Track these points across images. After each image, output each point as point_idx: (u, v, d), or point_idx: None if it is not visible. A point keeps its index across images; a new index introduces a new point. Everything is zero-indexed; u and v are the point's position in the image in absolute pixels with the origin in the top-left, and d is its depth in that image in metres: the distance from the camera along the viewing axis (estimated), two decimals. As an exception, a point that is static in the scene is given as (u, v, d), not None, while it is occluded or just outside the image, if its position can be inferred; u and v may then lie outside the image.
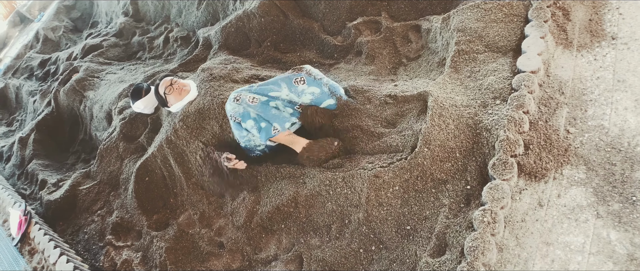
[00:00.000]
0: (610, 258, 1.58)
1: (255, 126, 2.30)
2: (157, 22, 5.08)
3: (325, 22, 3.32)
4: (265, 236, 2.33)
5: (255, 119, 2.28)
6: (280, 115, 2.31)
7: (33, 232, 3.05)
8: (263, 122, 2.28)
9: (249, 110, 2.27)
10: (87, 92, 4.32)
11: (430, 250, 1.82)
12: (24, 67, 6.25)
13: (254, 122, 2.30)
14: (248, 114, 2.28)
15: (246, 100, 2.27)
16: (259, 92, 2.32)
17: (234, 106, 2.31)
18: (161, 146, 2.87)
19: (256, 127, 2.30)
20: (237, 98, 2.30)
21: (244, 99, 2.27)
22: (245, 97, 2.28)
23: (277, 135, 2.31)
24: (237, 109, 2.31)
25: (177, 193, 2.84)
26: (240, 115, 2.31)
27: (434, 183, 1.99)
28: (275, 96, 2.33)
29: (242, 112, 2.29)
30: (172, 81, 2.81)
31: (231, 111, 2.34)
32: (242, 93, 2.31)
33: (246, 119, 2.30)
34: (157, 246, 2.60)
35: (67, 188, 3.34)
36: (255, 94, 2.30)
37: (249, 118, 2.29)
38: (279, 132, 2.29)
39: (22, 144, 4.46)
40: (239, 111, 2.30)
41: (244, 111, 2.28)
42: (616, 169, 1.77)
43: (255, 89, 2.32)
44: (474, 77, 2.29)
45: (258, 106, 2.27)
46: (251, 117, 2.29)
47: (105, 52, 5.03)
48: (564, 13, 2.34)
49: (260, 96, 2.29)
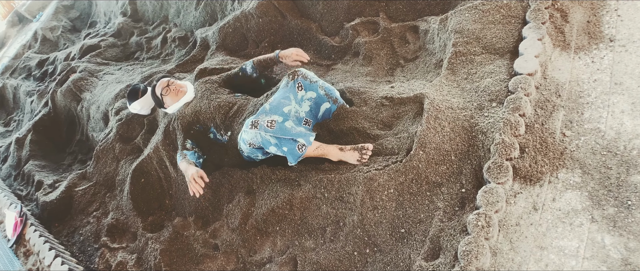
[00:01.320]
0: (604, 263, 1.56)
1: (279, 151, 2.18)
2: (156, 22, 5.07)
3: (323, 23, 3.31)
4: (260, 238, 2.31)
5: (277, 144, 2.14)
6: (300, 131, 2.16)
7: (28, 234, 3.04)
8: (285, 145, 2.14)
9: (268, 138, 2.13)
10: (84, 93, 4.31)
11: (424, 254, 1.80)
12: (22, 67, 6.24)
13: (276, 148, 2.17)
14: (268, 141, 2.15)
15: (264, 125, 2.12)
16: (273, 111, 2.18)
17: (253, 134, 2.16)
18: (157, 147, 2.86)
19: (280, 151, 2.18)
20: (255, 124, 2.14)
21: (262, 125, 2.12)
22: (263, 122, 2.13)
23: (306, 152, 2.18)
24: (256, 137, 2.16)
25: (172, 195, 2.83)
26: (260, 143, 2.19)
27: (429, 185, 1.98)
28: (288, 111, 2.23)
29: (262, 140, 2.15)
30: (169, 82, 2.77)
31: (251, 139, 2.19)
32: (259, 118, 2.15)
33: (268, 146, 2.17)
34: (152, 248, 2.58)
35: (63, 189, 3.33)
36: (272, 115, 2.16)
37: (271, 145, 2.16)
38: (307, 148, 2.15)
39: (18, 144, 4.44)
40: (258, 139, 2.17)
41: (263, 138, 2.15)
42: (612, 173, 1.76)
43: (269, 109, 2.19)
44: (471, 79, 2.28)
45: (277, 129, 2.12)
46: (272, 144, 2.15)
47: (103, 53, 5.02)
48: (562, 15, 2.32)
49: (277, 116, 2.15)
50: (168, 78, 2.84)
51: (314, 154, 2.25)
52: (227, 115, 2.54)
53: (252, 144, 2.21)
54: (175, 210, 2.78)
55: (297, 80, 2.31)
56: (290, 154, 2.15)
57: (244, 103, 2.54)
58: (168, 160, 2.81)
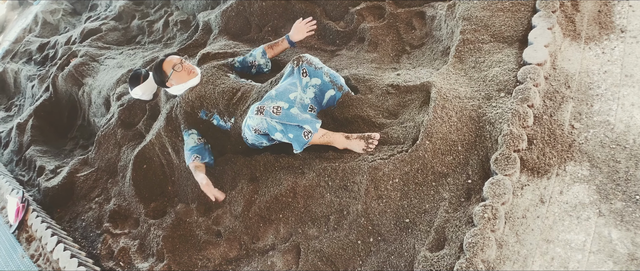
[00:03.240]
0: (611, 257, 1.55)
1: (285, 138, 2.14)
2: (157, 5, 5.01)
3: (328, 7, 3.25)
4: (263, 225, 2.30)
5: (283, 130, 2.11)
6: (306, 117, 2.14)
7: (30, 219, 3.04)
8: (291, 131, 2.10)
9: (273, 124, 2.10)
10: (86, 77, 4.28)
11: (428, 244, 1.79)
12: (22, 51, 6.19)
13: (282, 135, 2.13)
14: (274, 128, 2.11)
15: (270, 111, 2.09)
16: (279, 97, 2.15)
17: (259, 120, 2.12)
18: (159, 133, 2.84)
19: (286, 138, 2.14)
20: (260, 110, 2.11)
21: (268, 111, 2.09)
22: (269, 107, 2.10)
23: (312, 139, 2.14)
24: (262, 123, 2.13)
25: (174, 181, 2.81)
26: (265, 129, 2.16)
27: (435, 176, 1.96)
28: (294, 97, 2.20)
29: (268, 126, 2.12)
30: (181, 60, 2.65)
31: (256, 125, 2.16)
32: (265, 103, 2.12)
33: (273, 132, 2.14)
34: (154, 234, 2.58)
35: (65, 175, 3.32)
36: (278, 101, 2.13)
37: (276, 131, 2.13)
38: (313, 135, 2.12)
39: (20, 130, 4.42)
40: (263, 125, 2.14)
41: (269, 125, 2.12)
42: (620, 166, 1.74)
43: (275, 95, 2.16)
44: (479, 68, 2.24)
45: (283, 115, 2.09)
46: (278, 130, 2.12)
47: (104, 37, 4.97)
48: (573, 3, 2.28)
49: (283, 103, 2.12)
50: (179, 56, 2.71)
51: (319, 142, 2.21)
52: (231, 101, 2.51)
53: (257, 130, 2.19)
54: (178, 196, 2.77)
55: (302, 66, 2.28)
56: (296, 141, 2.12)
57: (248, 89, 2.52)
58: (170, 146, 2.79)
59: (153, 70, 2.68)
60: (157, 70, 2.66)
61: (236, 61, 2.89)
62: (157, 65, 2.66)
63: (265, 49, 2.84)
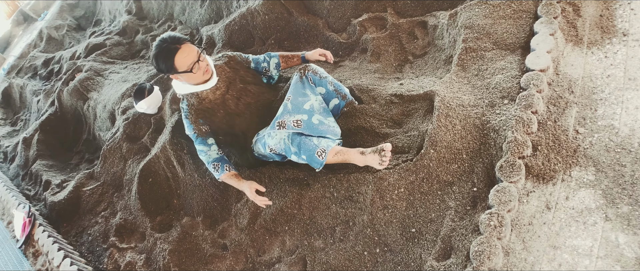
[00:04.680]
0: (618, 262, 1.54)
1: (299, 159, 2.10)
2: (161, 20, 5.06)
3: (330, 19, 3.28)
4: (268, 238, 2.30)
5: (297, 153, 2.07)
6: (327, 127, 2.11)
7: (37, 234, 3.05)
8: (304, 153, 2.05)
9: (289, 145, 2.07)
10: (91, 92, 4.31)
11: (435, 254, 1.78)
12: (27, 66, 6.26)
13: (297, 157, 2.09)
14: (289, 149, 2.08)
15: (291, 125, 2.06)
16: (296, 111, 2.11)
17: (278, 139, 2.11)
18: (164, 147, 2.85)
19: (301, 159, 2.10)
20: (282, 124, 2.05)
21: (289, 125, 2.06)
22: (289, 122, 2.06)
23: (327, 158, 2.04)
24: (279, 144, 2.11)
25: (180, 194, 2.82)
26: (282, 150, 2.13)
27: (440, 185, 1.96)
28: (310, 106, 2.15)
29: (285, 147, 2.09)
30: (200, 55, 2.17)
31: (275, 145, 2.13)
32: (284, 117, 2.07)
33: (289, 154, 2.11)
34: (160, 248, 2.58)
35: (70, 189, 3.33)
36: (295, 114, 2.09)
37: (291, 153, 2.10)
38: (327, 154, 2.02)
39: (26, 144, 4.45)
40: (281, 146, 2.11)
41: (286, 146, 2.08)
42: (626, 170, 1.73)
43: (292, 108, 2.11)
44: (482, 76, 2.24)
45: (304, 127, 2.05)
46: (293, 152, 2.08)
47: (108, 51, 5.02)
48: (574, 9, 2.28)
49: (301, 115, 2.08)
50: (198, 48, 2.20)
51: (335, 161, 2.07)
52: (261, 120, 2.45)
53: (273, 150, 2.17)
54: (184, 210, 2.77)
55: (308, 75, 2.29)
56: (311, 161, 2.06)
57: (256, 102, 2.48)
58: (175, 159, 2.80)
59: (161, 55, 2.13)
60: (166, 58, 2.12)
61: (251, 60, 2.56)
62: (167, 52, 2.12)
63: (280, 60, 2.57)
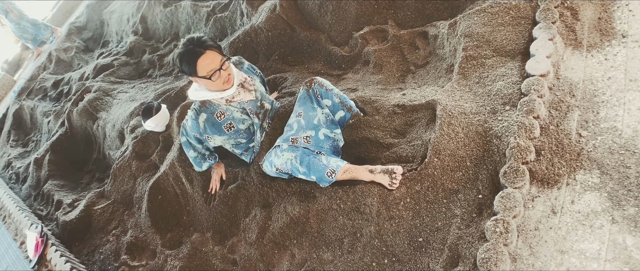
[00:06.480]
0: (627, 264, 1.53)
1: (308, 178, 2.14)
2: (167, 39, 5.14)
3: (332, 33, 3.32)
4: (277, 252, 2.31)
5: (306, 173, 2.10)
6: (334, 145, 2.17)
7: (50, 254, 3.08)
8: (314, 173, 2.08)
9: (297, 165, 2.10)
10: (100, 112, 4.38)
11: (443, 262, 1.79)
12: (37, 88, 6.37)
13: (305, 176, 2.14)
14: (297, 169, 2.12)
15: (302, 141, 2.12)
16: (307, 127, 2.18)
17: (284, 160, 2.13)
18: (173, 164, 2.89)
19: (309, 178, 2.14)
20: (295, 140, 2.12)
21: (301, 141, 2.12)
22: (301, 138, 2.13)
23: (337, 176, 2.08)
24: (286, 164, 2.14)
25: (189, 211, 2.85)
26: (289, 170, 2.17)
27: (445, 193, 1.97)
28: (318, 121, 2.22)
29: (291, 167, 2.13)
30: (222, 63, 2.10)
31: (280, 164, 2.17)
32: (298, 134, 2.15)
33: (297, 174, 2.15)
34: (171, 265, 2.60)
35: (82, 208, 3.38)
36: (307, 130, 2.15)
37: (299, 173, 2.14)
38: (336, 175, 2.07)
39: (37, 165, 4.53)
40: (288, 166, 2.14)
41: (293, 166, 2.12)
42: (631, 172, 1.73)
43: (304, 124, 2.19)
44: (483, 83, 2.26)
45: (313, 143, 2.12)
46: (301, 172, 2.12)
47: (116, 71, 5.10)
48: (572, 13, 2.30)
49: (310, 131, 2.14)
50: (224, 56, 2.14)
51: (343, 178, 2.11)
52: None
53: (279, 169, 2.22)
54: (193, 226, 2.80)
55: (314, 88, 2.32)
56: (320, 180, 2.11)
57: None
58: (184, 176, 2.83)
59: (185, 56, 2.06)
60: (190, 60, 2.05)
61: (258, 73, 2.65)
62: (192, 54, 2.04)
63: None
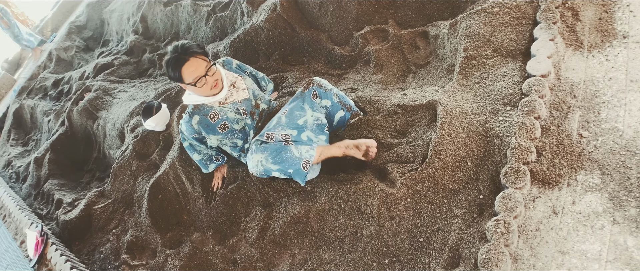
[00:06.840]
0: (628, 265, 1.53)
1: (284, 174, 2.16)
2: (167, 39, 5.14)
3: (333, 33, 3.32)
4: (278, 251, 2.31)
5: (280, 169, 2.11)
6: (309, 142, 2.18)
7: (50, 253, 3.08)
8: (289, 167, 2.09)
9: (269, 166, 2.10)
10: (100, 111, 4.38)
11: (443, 263, 1.79)
12: (38, 87, 6.38)
13: (280, 173, 2.15)
14: (270, 169, 2.12)
15: (279, 138, 2.12)
16: (288, 125, 2.19)
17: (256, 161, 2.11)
18: (173, 163, 2.89)
19: (285, 175, 2.16)
20: (270, 136, 2.11)
21: (277, 137, 2.12)
22: (278, 134, 2.13)
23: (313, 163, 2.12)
24: (257, 167, 2.12)
25: (189, 210, 2.85)
26: (262, 172, 2.16)
27: (446, 193, 1.97)
28: (303, 122, 2.23)
29: (264, 169, 2.13)
30: (208, 69, 2.15)
31: (252, 168, 2.15)
32: (275, 130, 2.15)
33: (271, 172, 2.15)
34: (171, 265, 2.60)
35: (82, 208, 3.38)
36: (286, 128, 2.16)
37: (273, 171, 2.14)
38: (310, 164, 2.11)
39: (37, 164, 4.53)
40: (260, 169, 2.13)
41: (265, 168, 2.11)
42: (632, 172, 1.73)
43: (284, 122, 2.19)
44: (483, 83, 2.26)
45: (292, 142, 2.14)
46: (274, 170, 2.12)
47: (116, 71, 5.10)
48: (573, 13, 2.30)
49: (291, 130, 2.16)
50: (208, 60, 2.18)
51: (319, 161, 2.18)
52: None
53: (253, 174, 2.20)
54: (194, 225, 2.80)
55: (312, 88, 2.32)
56: (297, 174, 2.12)
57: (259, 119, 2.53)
58: (184, 175, 2.83)
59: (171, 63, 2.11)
60: (174, 67, 2.11)
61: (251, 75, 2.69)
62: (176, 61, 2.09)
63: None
